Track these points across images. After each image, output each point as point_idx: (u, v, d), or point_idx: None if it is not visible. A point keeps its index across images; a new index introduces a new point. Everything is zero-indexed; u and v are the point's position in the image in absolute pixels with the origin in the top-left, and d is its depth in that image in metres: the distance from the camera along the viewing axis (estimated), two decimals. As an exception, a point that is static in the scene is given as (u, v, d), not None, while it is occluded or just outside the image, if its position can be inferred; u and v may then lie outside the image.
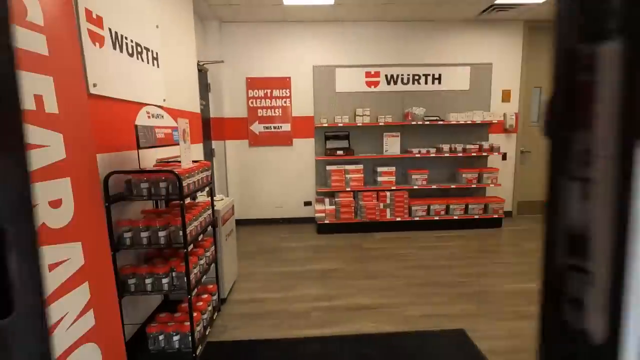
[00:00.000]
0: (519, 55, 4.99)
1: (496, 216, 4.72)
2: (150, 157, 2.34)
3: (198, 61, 4.17)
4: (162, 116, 2.34)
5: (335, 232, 4.63)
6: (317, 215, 4.61)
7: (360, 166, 4.63)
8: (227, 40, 4.75)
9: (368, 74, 4.87)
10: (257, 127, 4.94)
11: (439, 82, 4.91)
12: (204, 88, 4.48)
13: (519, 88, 5.07)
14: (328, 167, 4.63)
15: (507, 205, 5.06)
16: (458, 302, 2.77)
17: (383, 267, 3.49)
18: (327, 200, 4.66)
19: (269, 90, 4.88)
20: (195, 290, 2.15)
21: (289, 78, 4.87)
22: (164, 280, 2.02)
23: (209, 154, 4.64)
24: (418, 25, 4.83)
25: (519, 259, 3.64)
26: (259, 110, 4.91)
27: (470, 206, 4.71)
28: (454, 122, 4.64)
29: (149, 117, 2.16)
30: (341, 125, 4.64)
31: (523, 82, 5.06)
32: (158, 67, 2.67)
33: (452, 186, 4.72)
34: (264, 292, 3.02)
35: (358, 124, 4.64)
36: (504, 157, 5.09)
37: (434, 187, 4.70)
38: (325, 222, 4.61)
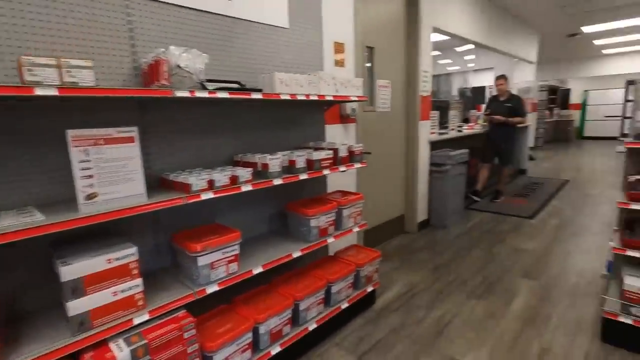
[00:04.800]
0: (349, -14, 2.78)
1: (370, 289, 2.38)
2: None
3: None
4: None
5: None
6: None
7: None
8: None
9: None
10: None
11: (228, -5, 1.90)
12: None
13: (354, 45, 2.89)
14: None
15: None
16: None
17: None
18: None
19: None
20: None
21: None
22: None
23: None
24: None
25: None
26: None
27: (334, 288, 2.10)
28: (286, 97, 1.80)
29: None
30: None
31: (358, 40, 2.91)
32: None
33: (297, 254, 1.91)
34: None
35: None
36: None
37: (258, 270, 1.71)
38: None
